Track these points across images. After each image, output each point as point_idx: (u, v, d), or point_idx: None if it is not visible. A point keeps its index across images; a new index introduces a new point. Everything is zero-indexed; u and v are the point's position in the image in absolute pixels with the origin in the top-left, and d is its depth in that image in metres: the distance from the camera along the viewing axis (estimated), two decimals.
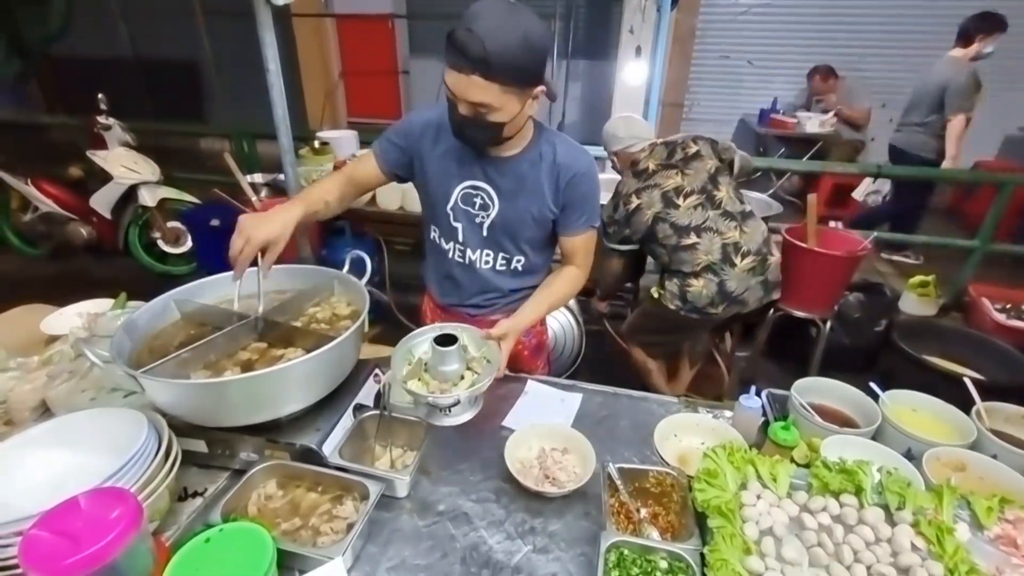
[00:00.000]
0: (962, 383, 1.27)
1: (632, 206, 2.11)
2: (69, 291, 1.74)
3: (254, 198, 3.03)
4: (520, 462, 1.11)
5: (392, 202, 2.86)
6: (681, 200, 2.06)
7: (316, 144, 3.26)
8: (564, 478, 1.08)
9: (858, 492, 0.93)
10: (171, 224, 4.00)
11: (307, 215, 1.20)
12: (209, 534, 0.82)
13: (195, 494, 1.04)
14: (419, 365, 1.15)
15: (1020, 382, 2.24)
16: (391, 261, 3.12)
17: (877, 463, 0.98)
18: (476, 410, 1.12)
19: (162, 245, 4.05)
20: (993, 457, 1.07)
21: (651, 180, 2.10)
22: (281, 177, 2.83)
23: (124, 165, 3.79)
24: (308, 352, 1.01)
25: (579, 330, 2.74)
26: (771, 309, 2.56)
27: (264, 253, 1.10)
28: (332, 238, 3.17)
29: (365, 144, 3.64)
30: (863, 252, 2.39)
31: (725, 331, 2.74)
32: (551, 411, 1.33)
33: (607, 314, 2.74)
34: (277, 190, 3.21)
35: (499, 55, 0.98)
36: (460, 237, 1.34)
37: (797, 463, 1.04)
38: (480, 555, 0.95)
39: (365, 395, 1.21)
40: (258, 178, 3.40)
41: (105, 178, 3.80)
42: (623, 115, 2.36)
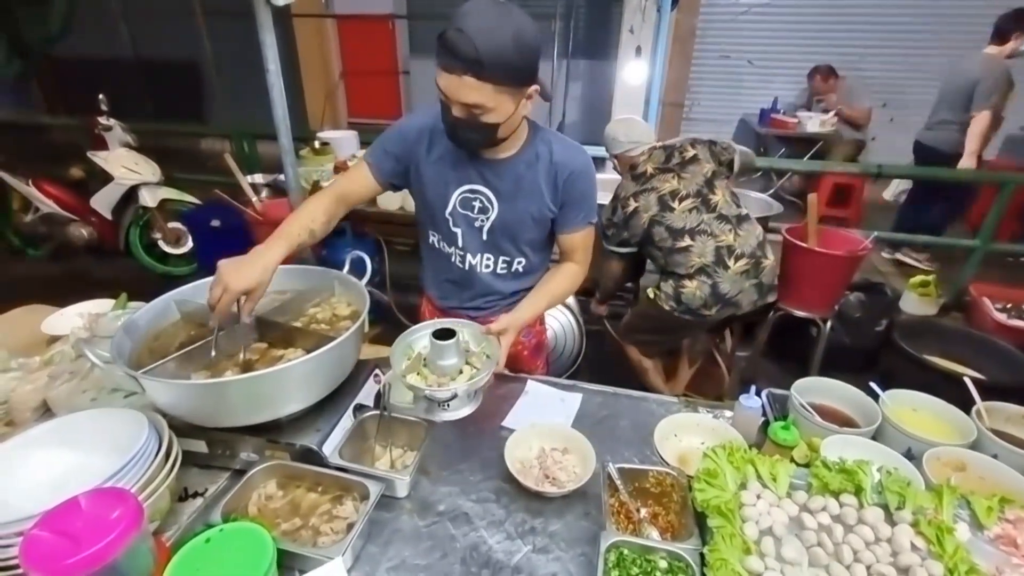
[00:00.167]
0: (962, 383, 1.27)
1: (629, 209, 2.14)
2: (70, 292, 1.75)
3: (254, 199, 3.04)
4: (520, 462, 1.11)
5: (392, 202, 2.86)
6: (676, 203, 2.08)
7: (316, 144, 3.27)
8: (564, 478, 1.08)
9: (858, 492, 0.93)
10: (172, 225, 4.01)
11: (289, 252, 1.14)
12: (209, 534, 0.82)
13: (195, 494, 1.04)
14: (418, 360, 1.15)
15: (1021, 382, 2.23)
16: (391, 261, 3.13)
17: (877, 463, 0.98)
18: (475, 405, 1.12)
19: (163, 246, 4.06)
20: (993, 457, 1.07)
21: (648, 183, 2.13)
22: (281, 177, 2.84)
23: (125, 166, 3.79)
24: (308, 352, 1.01)
25: (579, 330, 2.74)
26: (771, 310, 2.57)
27: (244, 300, 1.05)
28: (332, 238, 3.14)
29: (365, 144, 3.65)
30: (863, 252, 2.39)
31: (721, 332, 2.74)
32: (551, 411, 1.33)
33: (606, 315, 2.74)
34: (277, 190, 3.22)
35: (491, 55, 0.97)
36: (460, 242, 1.33)
37: (797, 463, 1.04)
38: (480, 555, 0.95)
39: (365, 395, 1.21)
40: (258, 178, 3.40)
41: (106, 179, 3.81)
42: (623, 118, 2.36)
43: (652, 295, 2.19)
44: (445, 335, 1.09)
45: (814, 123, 5.10)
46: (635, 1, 3.86)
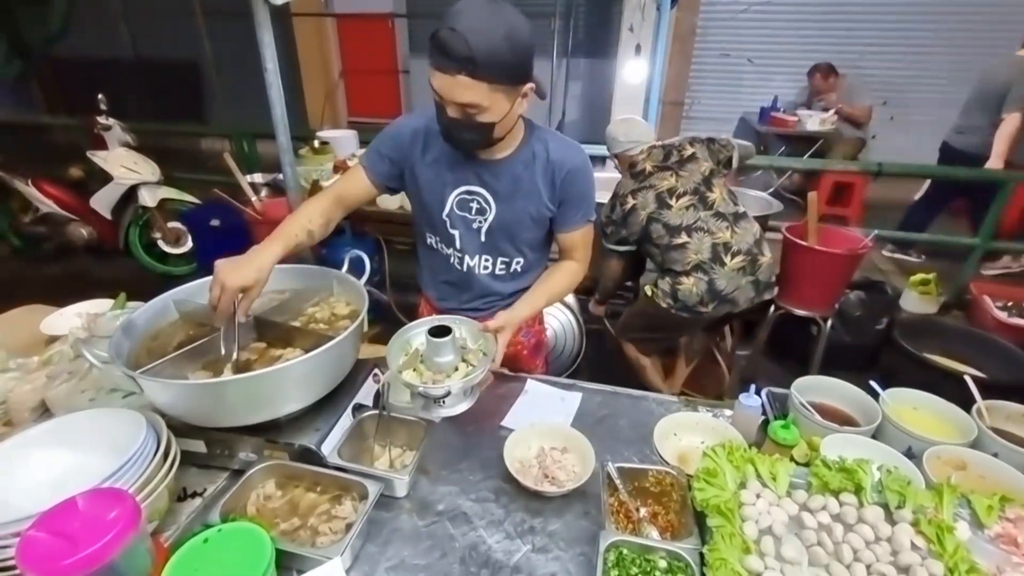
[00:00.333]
0: (963, 381, 1.27)
1: (628, 206, 2.15)
2: (69, 292, 1.74)
3: (254, 198, 3.04)
4: (519, 461, 1.11)
5: (392, 202, 2.86)
6: (674, 201, 2.10)
7: (316, 144, 3.27)
8: (563, 477, 1.07)
9: (858, 491, 0.92)
10: (171, 224, 4.01)
11: (286, 251, 1.15)
12: (208, 534, 0.82)
13: (194, 494, 1.04)
14: (415, 356, 1.15)
15: (1021, 380, 2.23)
16: (391, 260, 3.13)
17: (877, 462, 0.98)
18: (470, 402, 1.11)
19: (162, 245, 4.05)
20: (994, 455, 1.06)
21: (647, 181, 2.15)
22: (281, 177, 2.83)
23: (124, 165, 3.79)
24: (307, 352, 1.01)
25: (579, 329, 2.74)
26: (771, 308, 2.56)
27: (241, 298, 1.05)
28: (332, 238, 3.11)
29: (365, 143, 3.64)
30: (863, 250, 2.38)
31: (719, 330, 2.74)
32: (550, 410, 1.33)
33: (606, 315, 2.74)
34: (277, 190, 3.21)
35: (484, 53, 0.96)
36: (458, 244, 1.32)
37: (797, 462, 1.04)
38: (479, 555, 0.95)
39: (364, 395, 1.21)
40: (258, 178, 3.40)
41: (105, 179, 3.81)
42: (624, 117, 2.38)
43: (650, 293, 2.21)
44: (441, 332, 1.09)
45: (814, 121, 5.09)
46: None
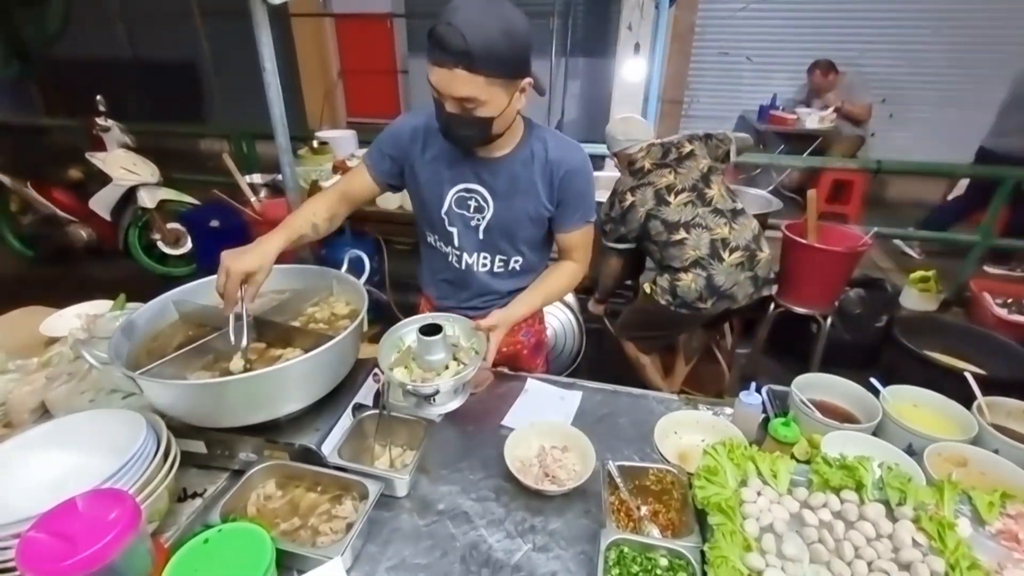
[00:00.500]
0: (963, 378, 1.27)
1: (627, 203, 2.16)
2: (69, 293, 1.74)
3: (253, 199, 3.04)
4: (520, 460, 1.11)
5: (392, 201, 2.86)
6: (672, 197, 2.11)
7: (315, 144, 3.26)
8: (564, 476, 1.07)
9: (859, 488, 0.92)
10: (171, 225, 4.00)
11: (290, 242, 1.17)
12: (208, 535, 0.82)
13: (194, 495, 1.04)
14: (407, 353, 1.15)
15: (1021, 377, 2.23)
16: (391, 260, 3.13)
17: (878, 459, 0.98)
18: (461, 400, 1.12)
19: (162, 246, 4.05)
20: (994, 452, 1.06)
21: (646, 179, 2.16)
22: (280, 177, 2.83)
23: (123, 167, 3.79)
24: (307, 352, 1.01)
25: (579, 328, 2.73)
26: (771, 305, 2.56)
27: (246, 285, 1.07)
28: (332, 237, 3.11)
29: (364, 144, 3.64)
30: (863, 248, 2.38)
31: (719, 327, 2.74)
32: (551, 409, 1.32)
33: (605, 314, 2.74)
34: (276, 190, 3.21)
35: (480, 46, 0.97)
36: (456, 241, 1.32)
37: (797, 459, 1.04)
38: (480, 554, 0.95)
39: (364, 394, 1.21)
40: (257, 178, 3.40)
41: (104, 180, 3.80)
42: (623, 116, 2.39)
43: (648, 290, 2.21)
44: (432, 331, 1.10)
45: (813, 119, 5.09)
46: None
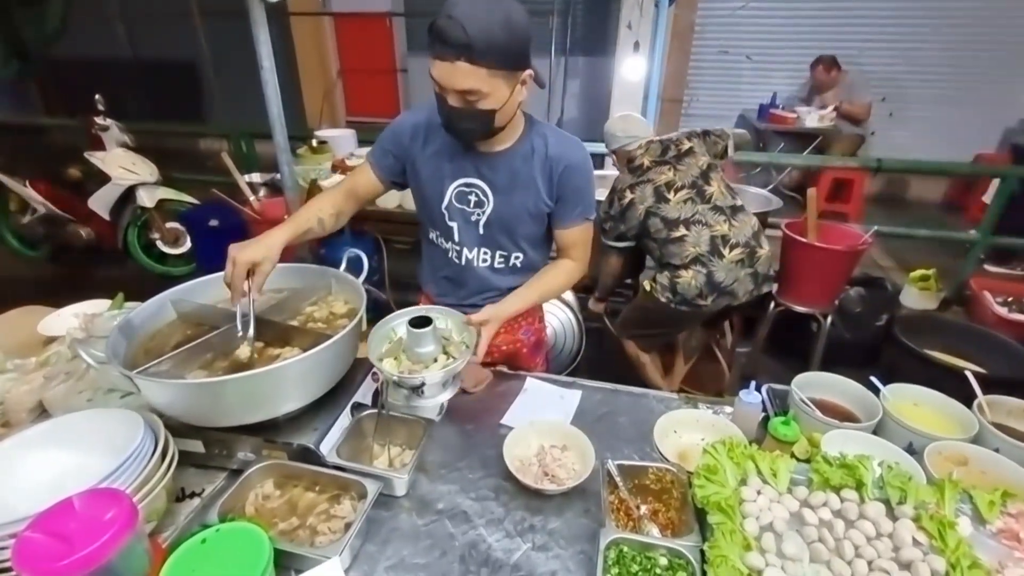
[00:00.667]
0: (964, 377, 1.26)
1: (626, 200, 2.16)
2: (68, 293, 1.74)
3: (252, 198, 3.03)
4: (519, 460, 1.11)
5: (391, 201, 2.85)
6: (672, 194, 2.11)
7: (314, 143, 3.26)
8: (563, 475, 1.07)
9: (859, 487, 0.92)
10: (170, 225, 4.00)
11: (295, 236, 1.20)
12: (205, 534, 0.81)
13: (193, 494, 1.04)
14: (398, 345, 1.16)
15: (1022, 375, 2.23)
16: (390, 260, 3.12)
17: (878, 458, 0.97)
18: (451, 393, 1.14)
19: (161, 246, 4.04)
20: (995, 451, 1.06)
21: (645, 176, 2.16)
22: (279, 176, 2.83)
23: (122, 166, 3.78)
24: (305, 351, 1.01)
25: (579, 327, 2.73)
26: (771, 304, 2.56)
27: (252, 276, 1.10)
28: (331, 237, 3.12)
29: (363, 143, 3.63)
30: (863, 246, 2.38)
31: (719, 325, 2.74)
32: (550, 408, 1.32)
33: (605, 312, 2.74)
34: (275, 190, 3.20)
35: (481, 38, 0.98)
36: (456, 236, 1.33)
37: (797, 458, 1.04)
38: (479, 553, 0.94)
39: (363, 394, 1.21)
40: (256, 178, 3.39)
41: (103, 179, 3.79)
42: (622, 114, 2.39)
43: (648, 287, 2.21)
44: (422, 323, 1.10)
45: (813, 118, 5.08)
46: None
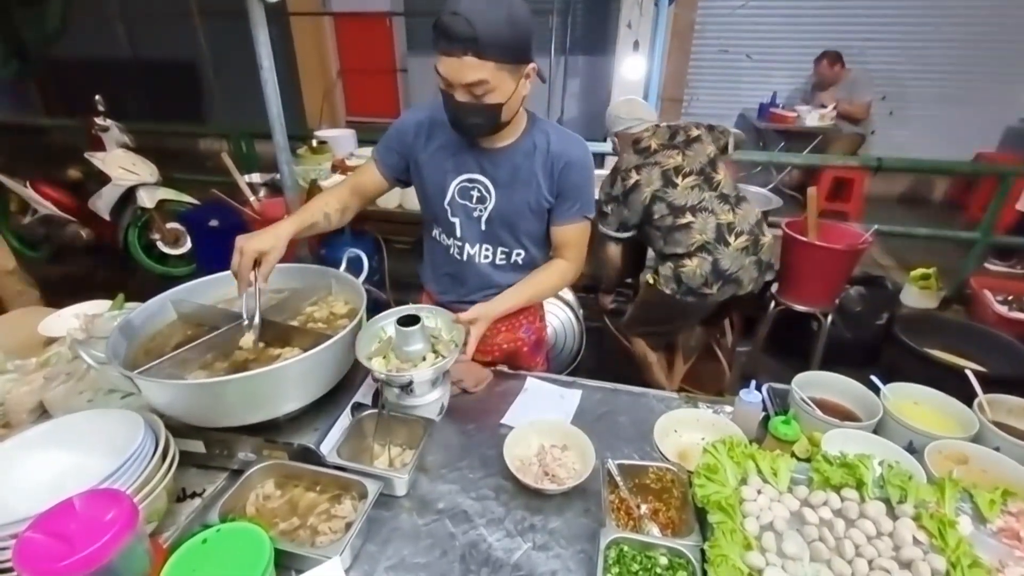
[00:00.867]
0: (964, 376, 1.26)
1: (631, 182, 2.11)
2: (69, 293, 1.74)
3: (252, 198, 3.03)
4: (519, 459, 1.11)
5: (391, 201, 2.85)
6: (680, 179, 2.08)
7: (314, 143, 3.26)
8: (564, 475, 1.07)
9: (859, 486, 0.92)
10: (170, 225, 4.00)
11: (302, 228, 1.23)
12: (206, 535, 0.82)
13: (193, 495, 1.04)
14: (387, 344, 1.17)
15: (1022, 374, 2.23)
16: (390, 259, 3.11)
17: (878, 457, 0.97)
18: (441, 391, 1.16)
19: (161, 246, 4.04)
20: (995, 449, 1.06)
21: (652, 158, 2.12)
22: (279, 176, 2.82)
23: (122, 167, 3.78)
24: (305, 351, 1.01)
25: (579, 327, 2.73)
26: (771, 303, 2.56)
27: (260, 266, 1.12)
28: (331, 236, 3.13)
29: (363, 143, 3.63)
30: (863, 245, 2.38)
31: (722, 319, 2.72)
32: (550, 408, 1.32)
33: (613, 310, 2.74)
34: (275, 190, 3.20)
35: (487, 32, 1.00)
36: (458, 232, 1.34)
37: (798, 457, 1.04)
38: (480, 553, 0.94)
39: (363, 394, 1.21)
40: (256, 178, 3.39)
41: (104, 180, 3.79)
42: (626, 98, 2.37)
43: (651, 280, 2.17)
44: (410, 321, 1.11)
45: (813, 117, 5.08)
46: None
